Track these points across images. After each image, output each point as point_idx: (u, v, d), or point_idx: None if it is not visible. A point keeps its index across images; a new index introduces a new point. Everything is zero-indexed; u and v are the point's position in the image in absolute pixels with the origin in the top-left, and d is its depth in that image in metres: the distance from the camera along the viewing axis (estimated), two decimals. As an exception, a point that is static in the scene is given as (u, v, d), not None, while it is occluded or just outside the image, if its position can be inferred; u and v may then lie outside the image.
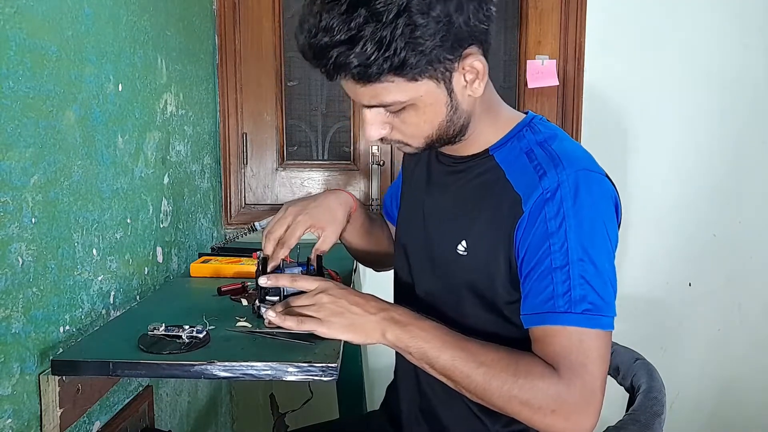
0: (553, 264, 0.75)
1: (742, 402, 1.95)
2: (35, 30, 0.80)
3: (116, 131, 1.04)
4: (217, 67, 1.73)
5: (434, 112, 0.78)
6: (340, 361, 0.81)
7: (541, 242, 0.76)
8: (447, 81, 0.76)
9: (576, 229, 0.75)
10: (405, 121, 0.79)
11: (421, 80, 0.74)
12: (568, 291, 0.73)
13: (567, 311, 0.73)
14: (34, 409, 0.79)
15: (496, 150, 0.86)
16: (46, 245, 0.82)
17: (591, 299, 0.73)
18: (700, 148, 1.83)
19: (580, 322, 0.73)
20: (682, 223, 1.86)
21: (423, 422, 0.95)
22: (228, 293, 1.11)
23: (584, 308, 0.73)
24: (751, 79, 1.80)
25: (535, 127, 0.86)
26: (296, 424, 1.27)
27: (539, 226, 0.76)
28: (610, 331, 0.75)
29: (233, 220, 1.80)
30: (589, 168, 0.79)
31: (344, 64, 0.71)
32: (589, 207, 0.76)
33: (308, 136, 1.86)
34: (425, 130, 0.80)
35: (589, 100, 1.79)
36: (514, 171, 0.82)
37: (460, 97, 0.79)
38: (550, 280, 0.75)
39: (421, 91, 0.75)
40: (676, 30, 1.78)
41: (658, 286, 1.89)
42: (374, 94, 0.75)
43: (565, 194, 0.76)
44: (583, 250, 0.74)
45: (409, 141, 0.83)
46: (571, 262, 0.74)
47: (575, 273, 0.74)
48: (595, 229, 0.76)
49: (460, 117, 0.80)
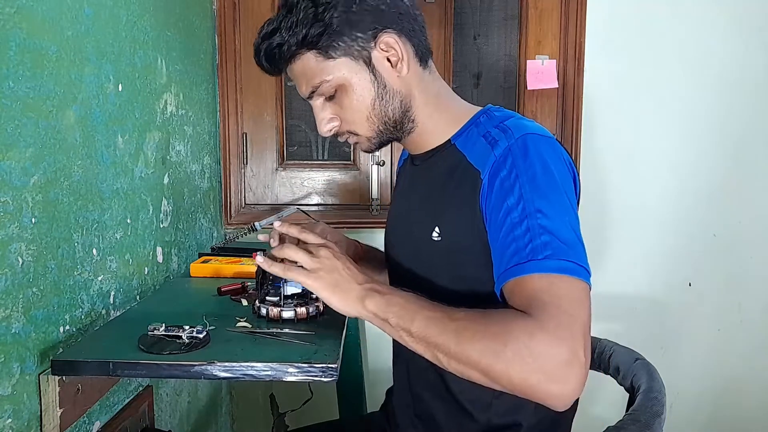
0: (512, 221, 0.75)
1: (742, 402, 1.95)
2: (35, 30, 0.80)
3: (116, 131, 1.04)
4: (217, 67, 1.73)
5: (362, 89, 0.85)
6: (340, 361, 0.81)
7: (499, 204, 0.77)
8: (366, 59, 0.84)
9: (529, 184, 0.76)
10: (342, 106, 0.87)
11: (338, 58, 0.83)
12: (530, 242, 0.72)
13: (530, 260, 0.71)
14: (34, 409, 0.79)
15: (456, 138, 0.90)
16: (46, 245, 0.82)
17: (554, 246, 0.71)
18: (700, 148, 1.83)
19: (546, 267, 0.70)
20: (682, 223, 1.86)
21: (419, 425, 0.96)
22: (228, 293, 1.11)
23: (547, 254, 0.71)
24: (751, 80, 1.80)
25: (490, 113, 0.89)
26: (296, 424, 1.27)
27: (496, 190, 0.78)
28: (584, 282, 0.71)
29: (233, 220, 1.80)
30: (538, 132, 0.81)
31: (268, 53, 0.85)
32: (540, 162, 0.77)
33: (308, 136, 1.86)
34: (362, 111, 0.86)
35: (589, 100, 1.79)
36: (474, 152, 0.85)
37: (386, 76, 0.85)
38: (512, 237, 0.74)
39: (342, 69, 0.84)
40: (676, 30, 1.78)
41: (658, 286, 1.89)
42: (302, 74, 0.86)
43: (516, 154, 0.78)
44: (539, 201, 0.74)
45: (355, 128, 0.89)
46: (529, 214, 0.74)
47: (534, 224, 0.73)
48: (549, 182, 0.76)
49: (393, 96, 0.86)
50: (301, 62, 0.85)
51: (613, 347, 1.06)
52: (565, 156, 0.82)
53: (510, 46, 1.82)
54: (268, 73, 0.90)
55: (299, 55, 0.84)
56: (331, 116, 0.89)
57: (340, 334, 0.89)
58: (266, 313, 0.95)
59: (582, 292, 0.70)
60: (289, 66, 0.87)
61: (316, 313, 0.96)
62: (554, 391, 0.64)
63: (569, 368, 0.64)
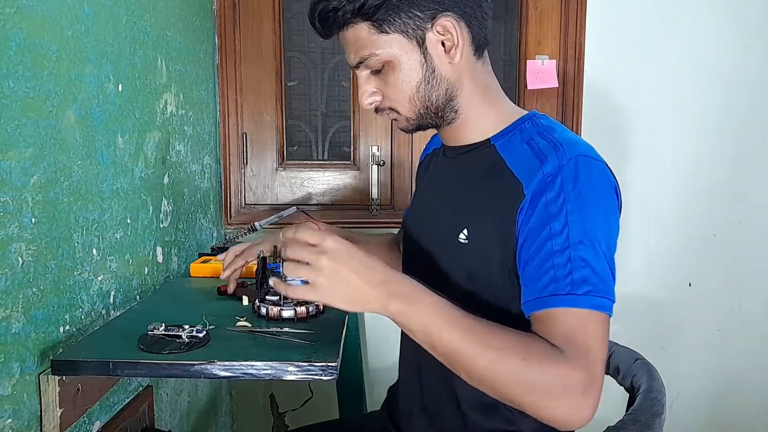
0: (553, 247, 0.74)
1: (742, 402, 1.95)
2: (35, 30, 0.80)
3: (116, 131, 1.04)
4: (217, 67, 1.74)
5: (410, 70, 0.83)
6: (340, 360, 0.81)
7: (541, 226, 0.75)
8: (419, 40, 0.82)
9: (576, 212, 0.74)
10: (387, 83, 0.85)
11: (391, 33, 0.81)
12: (570, 273, 0.72)
13: (570, 293, 0.72)
14: (34, 409, 0.79)
15: (497, 140, 0.87)
16: (46, 245, 0.82)
17: (593, 282, 0.72)
18: (700, 148, 1.83)
19: (583, 303, 0.71)
20: (682, 223, 1.86)
21: (423, 418, 0.95)
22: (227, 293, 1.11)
23: (586, 290, 0.72)
24: (751, 79, 1.80)
25: (536, 120, 0.87)
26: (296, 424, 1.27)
27: (539, 210, 0.76)
28: (609, 316, 0.74)
29: (233, 220, 1.80)
30: (590, 155, 0.79)
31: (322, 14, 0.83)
32: (590, 191, 0.76)
33: (308, 136, 1.86)
34: (406, 91, 0.84)
35: (589, 100, 1.79)
36: (515, 159, 0.83)
37: (437, 61, 0.83)
38: (551, 264, 0.73)
39: (393, 45, 0.82)
40: (676, 30, 1.78)
41: (658, 286, 1.89)
42: (353, 43, 0.84)
43: (566, 177, 0.76)
44: (583, 233, 0.74)
45: (396, 106, 0.87)
46: (572, 245, 0.73)
47: (576, 256, 0.73)
48: (595, 213, 0.75)
49: (440, 82, 0.84)
50: (354, 31, 0.83)
51: (613, 347, 1.05)
52: (613, 182, 0.81)
53: (510, 46, 1.82)
54: (320, 35, 0.87)
55: (353, 23, 0.82)
56: (374, 90, 0.87)
57: (340, 333, 0.89)
58: (266, 312, 0.95)
59: (608, 330, 0.74)
60: (341, 32, 0.85)
61: (316, 312, 0.97)
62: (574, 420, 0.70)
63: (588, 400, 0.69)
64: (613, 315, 0.75)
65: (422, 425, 0.96)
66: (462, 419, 0.90)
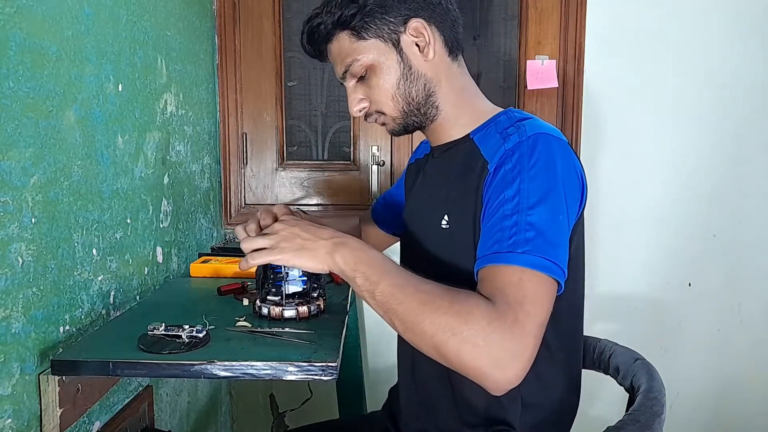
0: (504, 212, 0.77)
1: (742, 402, 1.95)
2: (35, 30, 0.80)
3: (116, 131, 1.04)
4: (217, 67, 1.73)
5: (389, 69, 0.91)
6: (340, 360, 0.81)
7: (497, 193, 0.80)
8: (395, 42, 0.90)
9: (529, 181, 0.78)
10: (371, 86, 0.92)
11: (369, 39, 0.90)
12: (514, 235, 0.75)
13: (509, 251, 0.74)
14: (34, 409, 0.79)
15: (475, 134, 0.93)
16: (46, 245, 0.82)
17: (536, 243, 0.74)
18: (700, 148, 1.83)
19: (521, 261, 0.73)
20: (682, 223, 1.86)
21: (421, 415, 0.96)
22: (228, 293, 1.11)
23: (526, 249, 0.73)
24: (751, 79, 1.80)
25: (510, 113, 0.92)
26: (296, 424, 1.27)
27: (497, 180, 0.80)
28: (554, 281, 0.74)
29: (233, 220, 1.80)
30: (552, 134, 0.83)
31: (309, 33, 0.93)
32: (545, 164, 0.79)
33: (308, 136, 1.86)
34: (388, 90, 0.91)
35: (589, 100, 1.79)
36: (488, 146, 0.88)
37: (413, 59, 0.91)
38: (500, 227, 0.77)
39: (372, 50, 0.90)
40: (675, 30, 1.78)
41: (658, 286, 1.89)
42: (338, 54, 0.92)
43: (524, 151, 0.80)
44: (534, 200, 0.76)
45: (382, 107, 0.93)
46: (521, 210, 0.76)
47: (523, 220, 0.75)
48: (549, 184, 0.78)
49: (417, 78, 0.91)
50: (337, 42, 0.92)
51: (613, 347, 1.05)
52: (575, 161, 0.84)
53: (510, 46, 1.82)
54: (311, 56, 0.97)
55: (335, 34, 0.91)
56: (361, 97, 0.94)
57: (340, 333, 0.89)
58: (267, 312, 0.95)
59: (547, 291, 0.74)
60: (327, 47, 0.94)
61: (317, 312, 0.97)
62: (497, 377, 0.68)
63: (515, 361, 0.68)
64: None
65: (421, 423, 0.96)
66: (458, 415, 0.90)
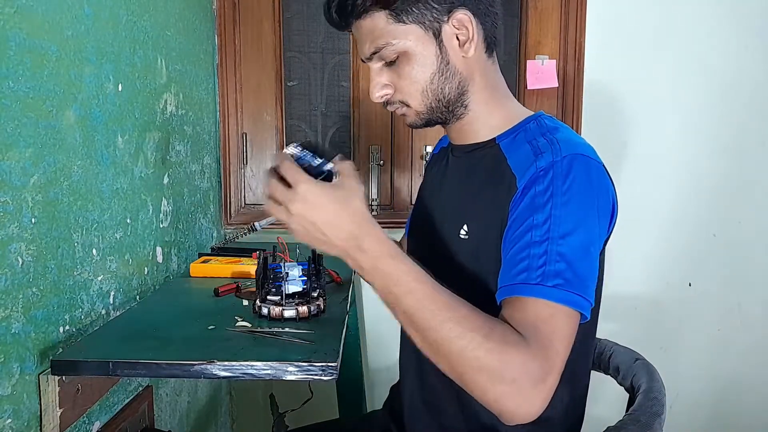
0: (533, 238, 0.74)
1: (742, 402, 1.95)
2: (35, 30, 0.80)
3: (116, 131, 1.04)
4: (217, 67, 1.73)
5: (425, 61, 0.83)
6: (340, 360, 0.81)
7: (525, 216, 0.76)
8: (436, 32, 0.83)
9: (562, 207, 0.74)
10: (401, 75, 0.85)
11: (408, 24, 0.82)
12: (543, 265, 0.72)
13: (539, 284, 0.71)
14: (34, 409, 0.79)
15: (502, 139, 0.88)
16: (46, 245, 0.82)
17: (566, 276, 0.71)
18: (700, 148, 1.83)
19: (551, 295, 0.70)
20: (682, 223, 1.86)
21: (426, 415, 0.95)
22: (225, 294, 1.11)
23: (556, 283, 0.71)
24: (750, 80, 1.80)
25: (541, 120, 0.87)
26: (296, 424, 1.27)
27: (527, 201, 0.76)
28: (579, 316, 0.72)
29: (233, 220, 1.80)
30: (588, 155, 0.79)
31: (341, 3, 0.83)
32: (580, 189, 0.75)
33: (308, 136, 1.86)
34: (420, 82, 0.84)
35: (589, 100, 1.79)
36: (515, 157, 0.83)
37: (452, 54, 0.84)
38: (528, 254, 0.73)
39: (410, 36, 0.82)
40: (675, 30, 1.78)
41: (658, 286, 1.89)
42: (369, 33, 0.83)
43: (557, 172, 0.76)
44: (566, 229, 0.73)
45: (407, 99, 0.86)
46: (551, 238, 0.73)
47: (553, 250, 0.72)
48: (582, 211, 0.75)
49: (453, 75, 0.85)
50: (371, 20, 0.83)
51: (613, 347, 1.05)
52: (609, 185, 0.81)
53: (510, 46, 1.82)
54: (335, 26, 0.87)
55: (371, 12, 0.82)
56: (386, 83, 0.87)
57: (340, 333, 0.89)
58: (267, 312, 0.95)
59: (574, 327, 0.72)
60: (357, 22, 0.84)
61: (317, 312, 0.97)
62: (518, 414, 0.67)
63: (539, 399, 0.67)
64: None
65: (425, 423, 0.96)
66: (463, 416, 0.90)
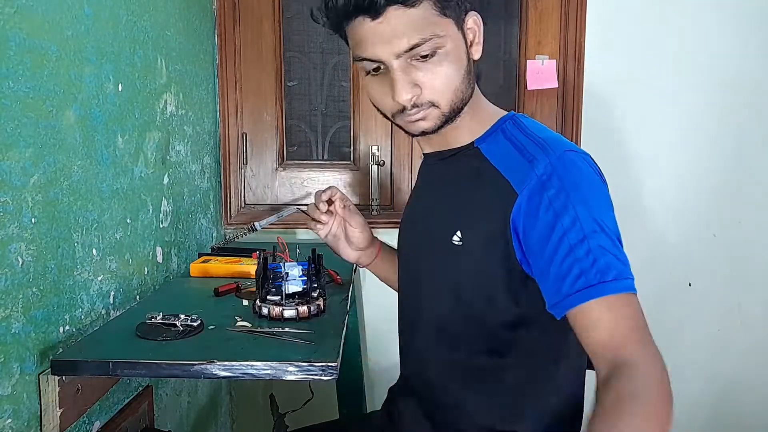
0: (570, 242, 0.73)
1: (742, 402, 1.95)
2: (35, 30, 0.80)
3: (116, 131, 1.04)
4: (217, 67, 1.73)
5: (459, 57, 0.81)
6: (340, 360, 0.81)
7: (551, 226, 0.75)
8: (462, 30, 0.81)
9: (581, 203, 0.75)
10: (435, 72, 0.79)
11: (448, 17, 0.79)
12: (594, 262, 0.72)
13: (600, 282, 0.71)
14: (33, 409, 0.79)
15: (481, 142, 0.87)
16: (46, 245, 0.82)
17: (616, 266, 0.72)
18: (700, 148, 1.83)
19: (615, 288, 0.71)
20: (682, 223, 1.86)
21: (423, 418, 0.95)
22: (225, 294, 1.11)
23: (614, 275, 0.72)
24: (751, 79, 1.80)
25: (516, 119, 0.88)
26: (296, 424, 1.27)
27: (543, 210, 0.75)
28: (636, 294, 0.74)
29: (233, 220, 1.80)
30: (574, 149, 0.81)
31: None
32: (586, 182, 0.77)
33: (308, 136, 1.86)
34: (453, 80, 0.80)
35: (589, 100, 1.79)
36: (501, 159, 0.83)
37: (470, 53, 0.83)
38: (574, 258, 0.73)
39: (449, 30, 0.79)
40: (676, 30, 1.78)
41: (658, 286, 1.89)
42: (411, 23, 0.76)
43: (561, 174, 0.77)
44: (594, 221, 0.74)
45: (438, 98, 0.81)
46: (588, 235, 0.73)
47: (594, 245, 0.73)
48: (597, 200, 0.76)
49: (472, 75, 0.84)
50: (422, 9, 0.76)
51: (613, 347, 1.05)
52: (597, 169, 0.83)
53: (510, 46, 1.82)
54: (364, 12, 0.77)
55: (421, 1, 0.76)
56: (414, 84, 0.79)
57: (340, 333, 0.89)
58: (267, 312, 0.95)
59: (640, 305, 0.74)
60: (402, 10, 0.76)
61: (317, 312, 0.97)
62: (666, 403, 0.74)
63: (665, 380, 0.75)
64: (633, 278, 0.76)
65: (422, 426, 0.96)
66: (461, 417, 0.90)
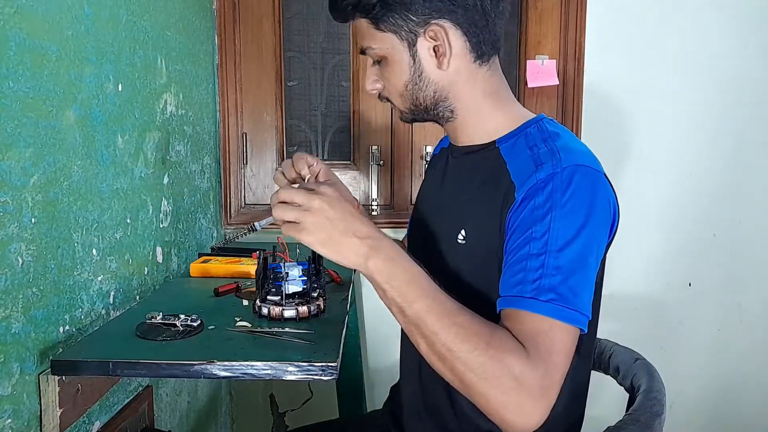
0: (530, 250, 0.74)
1: (742, 402, 1.95)
2: (35, 30, 0.80)
3: (116, 131, 1.04)
4: (217, 67, 1.73)
5: (399, 70, 0.86)
6: (340, 360, 0.81)
7: (524, 227, 0.76)
8: (411, 42, 0.84)
9: (560, 220, 0.74)
10: (383, 75, 0.89)
11: (385, 32, 0.84)
12: (539, 279, 0.72)
13: (533, 298, 0.72)
14: (34, 409, 0.79)
15: (502, 142, 0.87)
16: (46, 245, 0.82)
17: (560, 291, 0.72)
18: (700, 148, 1.83)
19: (545, 310, 0.71)
20: (682, 223, 1.86)
21: (425, 418, 0.95)
22: (225, 293, 1.11)
23: (550, 298, 0.71)
24: (751, 79, 1.80)
25: (542, 125, 0.86)
26: (296, 424, 1.28)
27: (526, 213, 0.76)
28: (578, 330, 0.73)
29: (233, 220, 1.80)
30: (589, 165, 0.78)
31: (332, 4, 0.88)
32: (580, 202, 0.75)
33: (308, 136, 1.86)
34: (397, 87, 0.88)
35: (589, 99, 1.79)
36: (515, 163, 0.83)
37: (426, 65, 0.85)
38: (524, 266, 0.74)
39: (387, 43, 0.85)
40: (676, 30, 1.78)
41: (658, 286, 1.89)
42: (357, 31, 0.89)
43: (557, 185, 0.75)
44: (564, 242, 0.73)
45: (391, 97, 0.91)
46: (549, 252, 0.73)
47: (550, 263, 0.73)
48: (581, 225, 0.74)
49: (427, 86, 0.86)
50: (357, 23, 0.88)
51: (613, 347, 1.06)
52: (610, 195, 0.80)
53: (510, 46, 1.82)
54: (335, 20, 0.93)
55: (354, 17, 0.87)
56: (376, 78, 0.91)
57: (340, 333, 0.89)
58: (267, 312, 0.95)
59: (572, 341, 0.73)
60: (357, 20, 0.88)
61: (317, 312, 0.97)
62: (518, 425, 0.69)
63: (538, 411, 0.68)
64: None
65: (424, 425, 0.96)
66: (458, 420, 0.90)
